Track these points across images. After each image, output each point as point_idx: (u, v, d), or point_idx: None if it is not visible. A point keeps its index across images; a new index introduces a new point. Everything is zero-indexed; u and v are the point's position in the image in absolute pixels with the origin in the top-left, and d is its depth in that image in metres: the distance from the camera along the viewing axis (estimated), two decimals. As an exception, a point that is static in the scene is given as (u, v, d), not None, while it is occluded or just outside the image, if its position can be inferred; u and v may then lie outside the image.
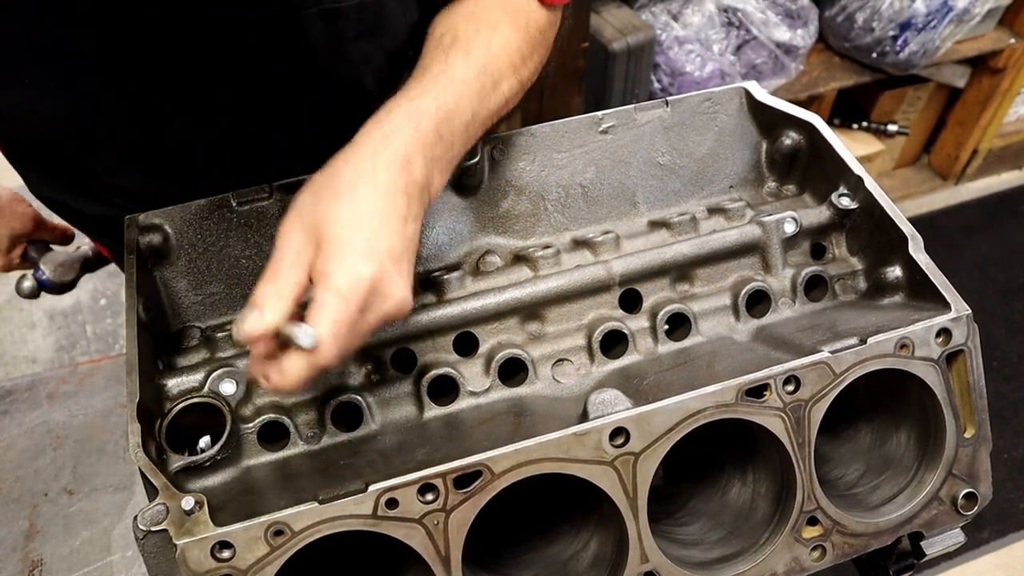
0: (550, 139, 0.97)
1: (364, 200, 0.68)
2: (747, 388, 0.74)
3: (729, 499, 0.85)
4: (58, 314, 2.98)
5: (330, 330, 0.64)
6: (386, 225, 0.68)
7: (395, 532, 0.68)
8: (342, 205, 0.68)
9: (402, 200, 0.69)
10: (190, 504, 0.67)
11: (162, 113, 0.91)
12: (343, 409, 0.84)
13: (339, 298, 0.64)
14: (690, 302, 0.92)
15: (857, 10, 2.55)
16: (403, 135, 0.72)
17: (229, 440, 0.79)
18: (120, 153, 0.95)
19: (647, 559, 0.72)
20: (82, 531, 1.13)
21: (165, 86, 0.89)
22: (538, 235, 0.98)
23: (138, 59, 0.85)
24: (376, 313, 0.68)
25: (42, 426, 1.26)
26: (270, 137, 0.98)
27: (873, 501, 0.82)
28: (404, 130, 0.73)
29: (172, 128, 0.93)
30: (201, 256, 0.90)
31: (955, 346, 0.79)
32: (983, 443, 0.81)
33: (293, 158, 0.90)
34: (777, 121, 0.99)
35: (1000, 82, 2.91)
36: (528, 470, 0.69)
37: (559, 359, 0.90)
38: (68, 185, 1.00)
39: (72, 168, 0.96)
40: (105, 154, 0.95)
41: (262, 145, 0.98)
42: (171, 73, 0.88)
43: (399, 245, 0.68)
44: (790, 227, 0.93)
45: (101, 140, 0.92)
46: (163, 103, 0.90)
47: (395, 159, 0.70)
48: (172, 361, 0.86)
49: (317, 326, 0.64)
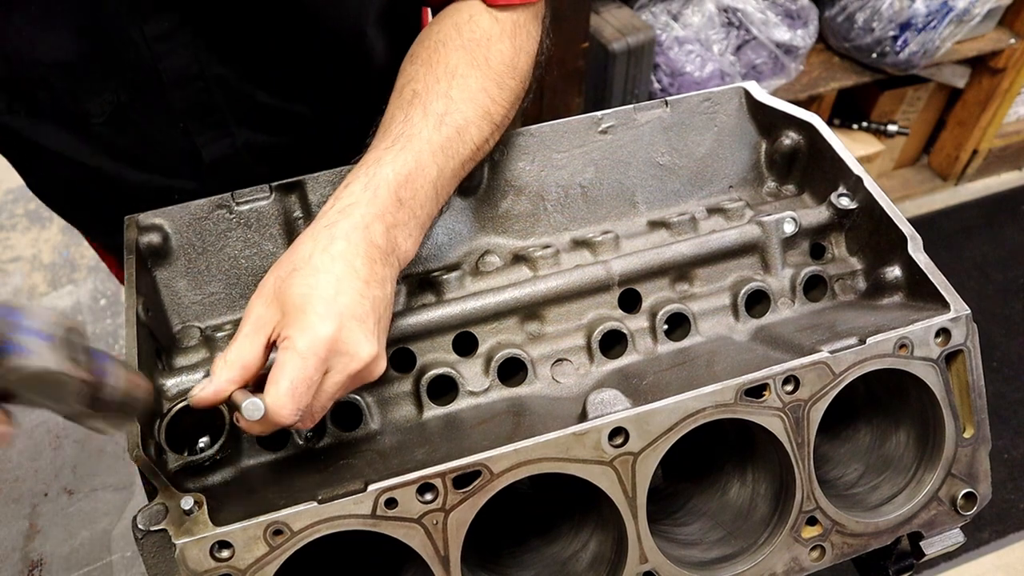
0: (550, 139, 0.97)
1: (322, 268, 0.70)
2: (746, 388, 0.74)
3: (728, 499, 0.85)
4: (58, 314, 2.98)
5: (287, 388, 0.66)
6: (345, 288, 0.70)
7: (394, 532, 0.68)
8: (301, 274, 0.70)
9: (362, 264, 0.71)
10: (189, 504, 0.67)
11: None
12: (342, 409, 0.84)
13: (297, 357, 0.66)
14: (689, 302, 0.92)
15: (857, 10, 2.55)
16: (360, 207, 0.74)
17: (228, 440, 0.79)
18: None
19: (646, 559, 0.72)
20: (82, 531, 1.13)
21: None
22: (537, 235, 0.98)
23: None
24: (341, 372, 0.69)
25: (42, 426, 1.26)
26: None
27: (872, 501, 0.82)
28: (360, 201, 0.75)
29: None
30: (201, 256, 0.90)
31: (954, 346, 0.79)
32: (982, 443, 0.81)
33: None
34: (777, 121, 0.99)
35: (1000, 82, 2.91)
36: (527, 470, 0.70)
37: (558, 359, 0.90)
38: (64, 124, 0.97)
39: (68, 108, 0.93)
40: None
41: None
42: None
43: (360, 306, 0.70)
44: (789, 227, 0.93)
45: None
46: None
47: (351, 228, 0.73)
48: (172, 361, 0.86)
49: (276, 385, 0.66)
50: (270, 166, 1.00)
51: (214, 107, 0.95)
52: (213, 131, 0.97)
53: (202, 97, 0.93)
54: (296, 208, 0.92)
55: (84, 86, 0.89)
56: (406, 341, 0.87)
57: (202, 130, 0.96)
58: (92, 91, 0.89)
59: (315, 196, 0.92)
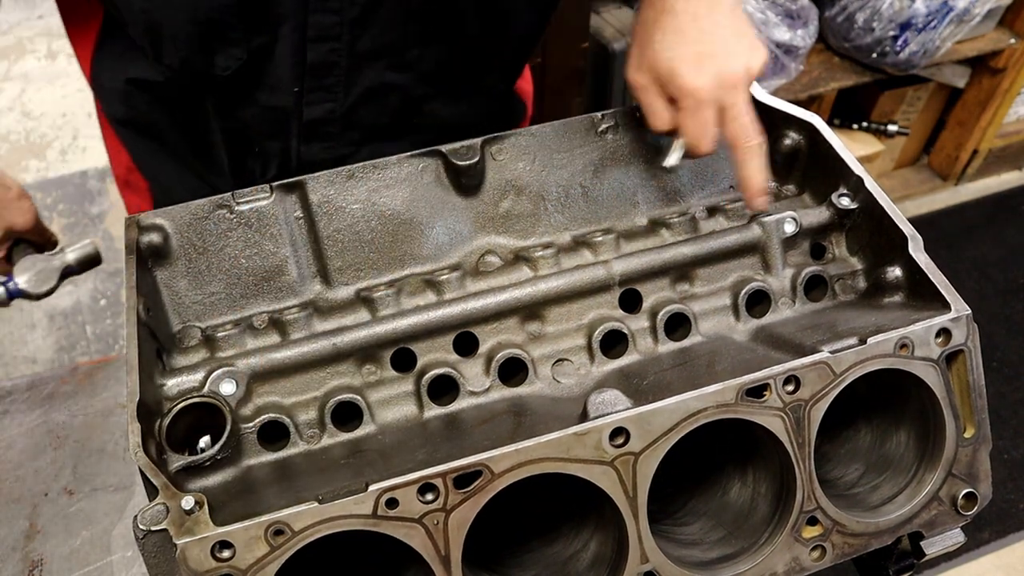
0: (550, 139, 0.97)
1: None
2: (747, 388, 0.74)
3: (729, 499, 0.85)
4: (58, 314, 2.98)
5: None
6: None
7: (395, 532, 0.68)
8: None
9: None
10: (190, 504, 0.67)
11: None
12: (343, 409, 0.84)
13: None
14: (690, 302, 0.92)
15: (857, 10, 2.55)
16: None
17: (229, 440, 0.79)
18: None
19: (647, 559, 0.72)
20: (82, 531, 1.13)
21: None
22: (538, 235, 0.98)
23: None
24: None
25: (42, 426, 1.26)
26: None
27: (873, 501, 0.82)
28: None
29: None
30: (201, 256, 0.90)
31: (955, 346, 0.79)
32: (983, 443, 0.81)
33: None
34: (777, 121, 0.99)
35: (1000, 82, 2.91)
36: (528, 470, 0.69)
37: (559, 359, 0.90)
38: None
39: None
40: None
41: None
42: None
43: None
44: (790, 227, 0.93)
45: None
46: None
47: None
48: (172, 361, 0.86)
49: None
50: (361, 133, 1.09)
51: (334, 67, 1.01)
52: (324, 92, 1.03)
53: (331, 56, 0.99)
54: (296, 208, 0.92)
55: (224, 36, 0.96)
56: (406, 341, 0.87)
57: (314, 90, 1.03)
58: (230, 42, 0.96)
59: (315, 196, 0.92)
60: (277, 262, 0.92)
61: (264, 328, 0.88)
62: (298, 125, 1.07)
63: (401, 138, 1.12)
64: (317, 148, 1.11)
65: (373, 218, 0.94)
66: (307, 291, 0.93)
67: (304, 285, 0.93)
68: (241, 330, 0.87)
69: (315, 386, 0.86)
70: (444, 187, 0.95)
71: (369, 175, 0.93)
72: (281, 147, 1.10)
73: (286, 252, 0.92)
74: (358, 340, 0.85)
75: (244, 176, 1.16)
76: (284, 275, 0.92)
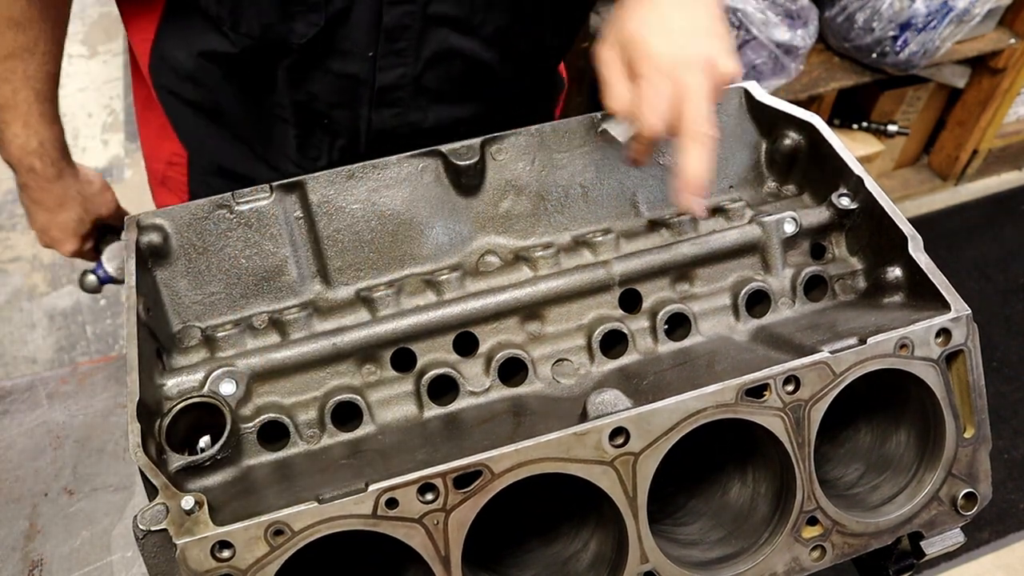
0: (550, 139, 0.97)
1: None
2: (747, 388, 0.74)
3: (729, 499, 0.85)
4: (58, 314, 2.98)
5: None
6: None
7: (395, 532, 0.68)
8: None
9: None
10: (190, 504, 0.67)
11: None
12: (343, 409, 0.84)
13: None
14: (690, 302, 0.92)
15: (857, 10, 2.55)
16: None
17: (229, 440, 0.79)
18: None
19: (647, 559, 0.72)
20: (82, 531, 1.13)
21: None
22: (538, 235, 0.98)
23: None
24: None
25: (42, 426, 1.26)
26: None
27: (873, 501, 0.82)
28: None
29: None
30: (201, 256, 0.90)
31: (955, 346, 0.79)
32: (983, 443, 0.81)
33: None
34: (777, 121, 0.99)
35: (1000, 82, 2.91)
36: (528, 470, 0.70)
37: (559, 359, 0.90)
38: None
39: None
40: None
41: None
42: None
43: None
44: (790, 227, 0.93)
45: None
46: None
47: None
48: (172, 361, 0.86)
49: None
50: (427, 98, 1.11)
51: (407, 31, 1.03)
52: (396, 57, 1.05)
53: (405, 20, 1.01)
54: (296, 208, 0.92)
55: (304, 0, 0.98)
56: (406, 341, 0.87)
57: (387, 54, 1.05)
58: (310, 7, 0.98)
59: (315, 196, 0.92)
60: (277, 262, 0.92)
61: (264, 328, 0.88)
62: (370, 92, 1.08)
63: (463, 102, 1.15)
64: (388, 114, 1.11)
65: (373, 218, 0.94)
66: (307, 291, 0.93)
67: (304, 285, 0.93)
68: (241, 330, 0.87)
69: (315, 386, 0.86)
70: (444, 187, 0.95)
71: (369, 175, 0.93)
72: (351, 116, 1.11)
73: (286, 252, 0.92)
74: (358, 340, 0.85)
75: (310, 152, 1.17)
76: (284, 275, 0.92)
